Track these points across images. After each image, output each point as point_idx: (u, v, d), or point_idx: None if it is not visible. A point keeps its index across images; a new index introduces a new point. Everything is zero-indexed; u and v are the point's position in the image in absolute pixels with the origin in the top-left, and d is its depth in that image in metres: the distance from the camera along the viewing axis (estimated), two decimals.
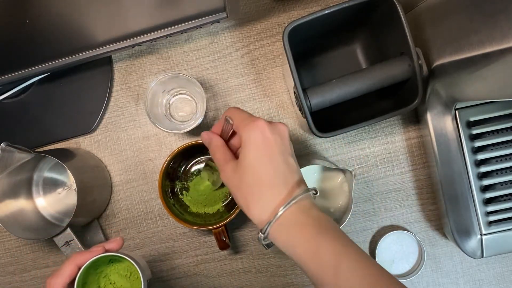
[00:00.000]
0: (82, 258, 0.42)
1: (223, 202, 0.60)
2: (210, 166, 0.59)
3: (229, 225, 0.61)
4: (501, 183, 0.55)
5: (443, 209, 0.56)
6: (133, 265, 0.45)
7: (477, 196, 0.55)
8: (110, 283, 0.46)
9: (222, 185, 0.59)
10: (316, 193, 0.40)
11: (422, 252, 0.59)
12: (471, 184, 0.55)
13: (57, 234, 0.53)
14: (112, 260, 0.46)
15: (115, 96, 0.62)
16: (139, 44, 0.56)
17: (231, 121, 0.42)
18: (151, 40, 0.56)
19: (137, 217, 0.62)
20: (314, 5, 0.61)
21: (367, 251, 0.63)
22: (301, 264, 0.38)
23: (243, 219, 0.62)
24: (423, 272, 0.62)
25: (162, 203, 0.55)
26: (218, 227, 0.55)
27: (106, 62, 0.61)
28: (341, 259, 0.36)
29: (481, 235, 0.55)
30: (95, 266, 0.45)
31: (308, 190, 0.40)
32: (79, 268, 0.42)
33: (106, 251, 0.44)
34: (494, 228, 0.55)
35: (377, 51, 0.56)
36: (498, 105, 0.54)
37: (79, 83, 0.61)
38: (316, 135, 0.50)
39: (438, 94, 0.53)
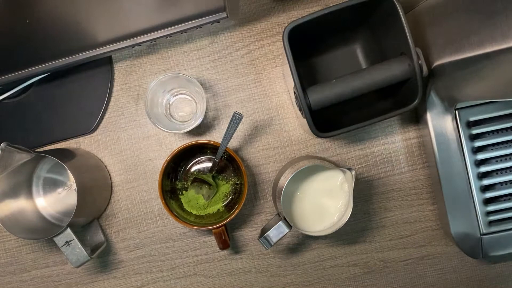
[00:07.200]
0: None
1: (223, 202, 0.60)
2: (198, 181, 0.58)
3: (229, 225, 0.61)
4: (501, 183, 0.55)
5: (443, 209, 0.56)
6: None
7: (477, 196, 0.55)
8: None
9: (216, 193, 0.59)
10: None
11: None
12: (471, 184, 0.55)
13: (57, 234, 0.53)
14: None
15: (115, 96, 0.62)
16: (139, 44, 0.56)
17: None
18: (151, 40, 0.56)
19: (137, 217, 0.62)
20: (314, 5, 0.61)
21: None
22: None
23: (243, 219, 0.62)
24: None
25: (162, 203, 0.55)
26: (218, 227, 0.55)
27: (106, 62, 0.61)
28: None
29: (481, 235, 0.55)
30: None
31: None
32: None
33: None
34: (494, 228, 0.55)
35: (377, 51, 0.56)
36: (498, 105, 0.54)
37: (79, 83, 0.61)
38: (316, 135, 0.50)
39: (438, 94, 0.53)
